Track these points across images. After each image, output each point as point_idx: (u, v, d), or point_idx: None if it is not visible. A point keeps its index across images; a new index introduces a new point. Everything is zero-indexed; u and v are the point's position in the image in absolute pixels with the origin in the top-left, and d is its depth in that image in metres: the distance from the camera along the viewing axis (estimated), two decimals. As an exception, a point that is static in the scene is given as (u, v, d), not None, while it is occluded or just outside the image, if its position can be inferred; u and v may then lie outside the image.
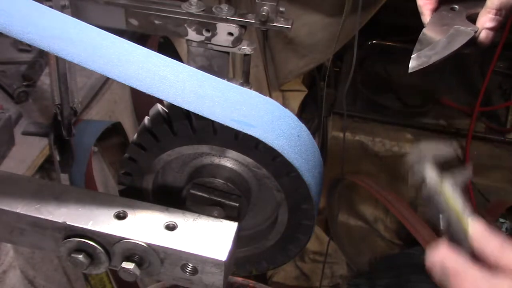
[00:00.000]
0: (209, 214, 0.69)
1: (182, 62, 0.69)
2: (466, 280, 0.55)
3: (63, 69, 1.23)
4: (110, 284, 1.70)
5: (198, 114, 0.64)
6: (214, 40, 1.14)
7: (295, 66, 2.13)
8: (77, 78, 1.33)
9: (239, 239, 0.69)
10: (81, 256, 0.64)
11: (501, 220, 2.08)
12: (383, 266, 2.28)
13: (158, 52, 0.68)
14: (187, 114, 0.68)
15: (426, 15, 0.83)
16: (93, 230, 0.64)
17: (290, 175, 0.69)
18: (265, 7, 1.08)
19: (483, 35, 0.78)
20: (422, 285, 2.01)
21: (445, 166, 0.66)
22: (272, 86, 2.21)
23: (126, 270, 0.64)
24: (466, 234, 0.58)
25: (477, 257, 0.57)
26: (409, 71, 0.76)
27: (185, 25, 1.13)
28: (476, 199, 2.35)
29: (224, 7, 1.12)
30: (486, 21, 0.77)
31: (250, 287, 1.30)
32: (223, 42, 1.14)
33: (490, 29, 0.78)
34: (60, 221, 0.64)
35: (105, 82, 1.68)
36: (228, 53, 1.17)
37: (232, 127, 0.64)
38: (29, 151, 1.35)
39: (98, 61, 0.63)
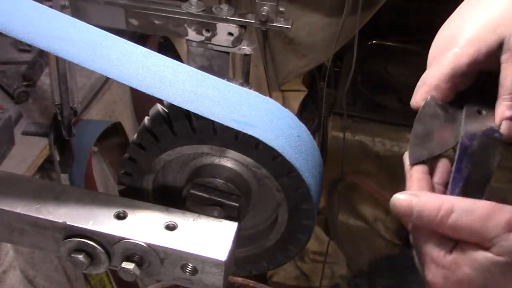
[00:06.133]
0: (209, 214, 0.69)
1: (182, 62, 0.69)
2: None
3: (63, 69, 1.23)
4: (110, 284, 1.70)
5: (198, 114, 0.64)
6: (214, 40, 1.14)
7: (295, 66, 2.13)
8: (77, 78, 1.33)
9: (239, 239, 0.68)
10: (81, 256, 0.64)
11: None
12: (383, 266, 2.28)
13: (158, 52, 0.68)
14: (187, 114, 0.67)
15: None
16: (93, 230, 0.64)
17: (290, 175, 0.69)
18: (265, 7, 1.08)
19: (505, 126, 0.67)
20: (422, 285, 2.01)
21: None
22: (272, 86, 2.21)
23: (126, 270, 0.64)
24: None
25: None
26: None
27: (185, 25, 1.13)
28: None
29: (224, 7, 1.12)
30: (504, 110, 0.67)
31: (250, 287, 1.30)
32: (223, 42, 1.14)
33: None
34: (60, 221, 0.64)
35: (105, 82, 1.68)
36: (228, 53, 1.17)
37: (232, 127, 0.64)
38: (29, 151, 1.35)
39: (98, 61, 0.63)
